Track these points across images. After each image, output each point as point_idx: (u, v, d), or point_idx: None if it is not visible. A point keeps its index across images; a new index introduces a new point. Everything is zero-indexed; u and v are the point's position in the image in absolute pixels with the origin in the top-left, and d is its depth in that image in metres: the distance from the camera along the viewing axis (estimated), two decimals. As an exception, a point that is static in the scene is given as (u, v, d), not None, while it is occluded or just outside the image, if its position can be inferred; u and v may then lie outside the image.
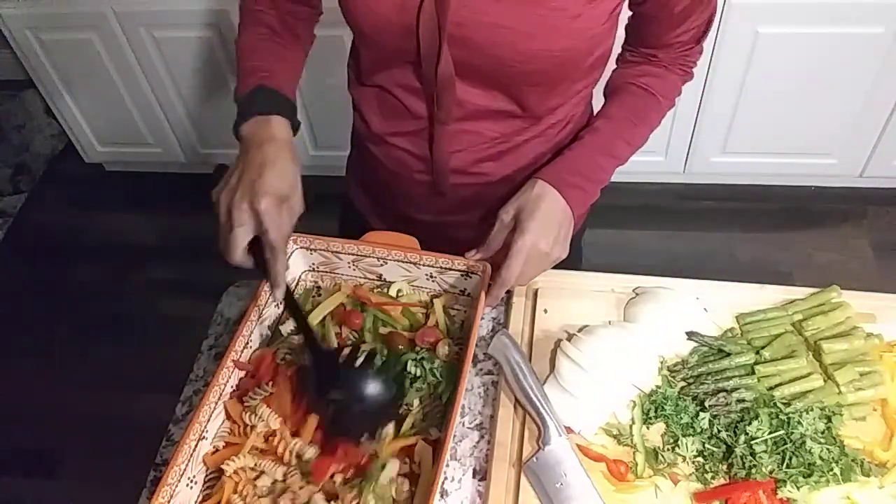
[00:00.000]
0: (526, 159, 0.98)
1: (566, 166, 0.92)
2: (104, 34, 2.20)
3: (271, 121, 0.86)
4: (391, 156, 1.00)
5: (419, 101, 0.91)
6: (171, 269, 2.44)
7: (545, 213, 0.87)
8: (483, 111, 0.90)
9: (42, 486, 2.00)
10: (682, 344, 0.92)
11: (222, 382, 0.83)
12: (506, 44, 0.81)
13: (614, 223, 2.44)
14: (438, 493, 0.82)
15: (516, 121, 0.92)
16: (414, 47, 0.83)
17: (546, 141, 0.97)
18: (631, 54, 0.98)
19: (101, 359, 2.21)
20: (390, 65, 0.90)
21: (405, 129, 0.96)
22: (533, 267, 0.87)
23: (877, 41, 1.95)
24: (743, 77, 2.07)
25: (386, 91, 0.93)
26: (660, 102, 0.97)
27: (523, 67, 0.83)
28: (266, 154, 0.82)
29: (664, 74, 0.96)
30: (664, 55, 0.95)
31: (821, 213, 2.41)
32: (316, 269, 1.00)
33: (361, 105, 1.00)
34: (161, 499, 0.73)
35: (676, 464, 0.82)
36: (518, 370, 0.85)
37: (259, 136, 0.84)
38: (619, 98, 0.97)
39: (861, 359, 0.87)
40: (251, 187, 0.78)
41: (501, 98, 0.89)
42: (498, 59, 0.82)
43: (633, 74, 0.96)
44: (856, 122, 2.15)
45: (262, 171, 0.80)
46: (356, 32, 0.89)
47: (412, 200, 1.04)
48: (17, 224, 2.68)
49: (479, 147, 0.95)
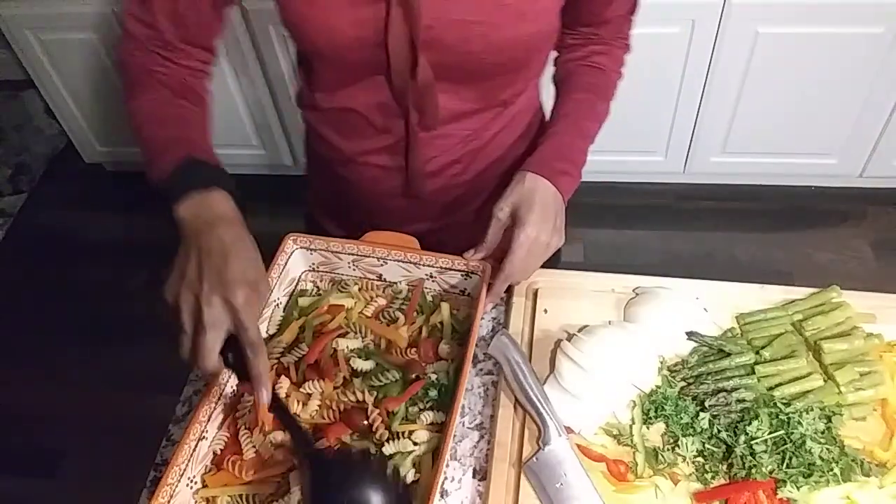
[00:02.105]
0: (496, 153, 0.99)
1: (550, 154, 0.92)
2: (104, 34, 2.20)
3: (213, 197, 0.74)
4: (365, 175, 0.99)
5: (390, 114, 0.90)
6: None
7: (541, 204, 0.87)
8: (456, 111, 0.90)
9: (42, 486, 2.00)
10: (682, 344, 0.92)
11: (222, 382, 0.83)
12: (477, 38, 0.81)
13: (614, 223, 2.44)
14: (438, 493, 0.81)
15: (486, 114, 0.93)
16: (382, 60, 0.82)
17: (512, 132, 0.99)
18: (572, 38, 0.98)
19: (101, 359, 2.21)
20: (354, 82, 0.88)
21: (377, 146, 0.95)
22: (534, 259, 0.88)
23: (877, 41, 1.95)
24: (743, 77, 2.07)
25: (350, 111, 0.92)
26: (612, 77, 1.00)
27: (495, 59, 0.84)
28: (223, 238, 0.71)
29: (609, 50, 0.99)
30: (605, 31, 0.97)
31: (821, 213, 2.41)
32: (316, 268, 1.00)
33: (322, 128, 0.98)
34: (161, 499, 0.73)
35: (676, 464, 0.82)
36: (518, 370, 0.85)
37: (206, 218, 0.72)
38: (575, 81, 0.98)
39: (861, 359, 0.87)
40: (220, 279, 0.67)
41: (472, 94, 0.89)
42: (470, 54, 0.82)
43: (580, 56, 0.98)
44: (856, 122, 2.15)
45: (226, 258, 0.69)
46: (312, 53, 0.86)
47: (389, 214, 1.03)
48: (17, 224, 2.68)
49: (453, 149, 0.95)
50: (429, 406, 0.84)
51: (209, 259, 0.69)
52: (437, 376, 0.86)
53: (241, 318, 0.67)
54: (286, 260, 0.95)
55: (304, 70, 0.95)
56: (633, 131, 2.27)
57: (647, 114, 2.21)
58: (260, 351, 0.70)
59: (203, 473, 0.81)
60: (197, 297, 0.67)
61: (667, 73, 2.09)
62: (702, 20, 1.96)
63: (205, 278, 0.68)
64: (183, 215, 0.73)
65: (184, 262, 0.70)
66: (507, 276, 0.88)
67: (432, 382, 0.86)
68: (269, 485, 0.80)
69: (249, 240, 0.73)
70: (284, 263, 0.95)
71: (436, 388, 0.86)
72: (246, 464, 0.81)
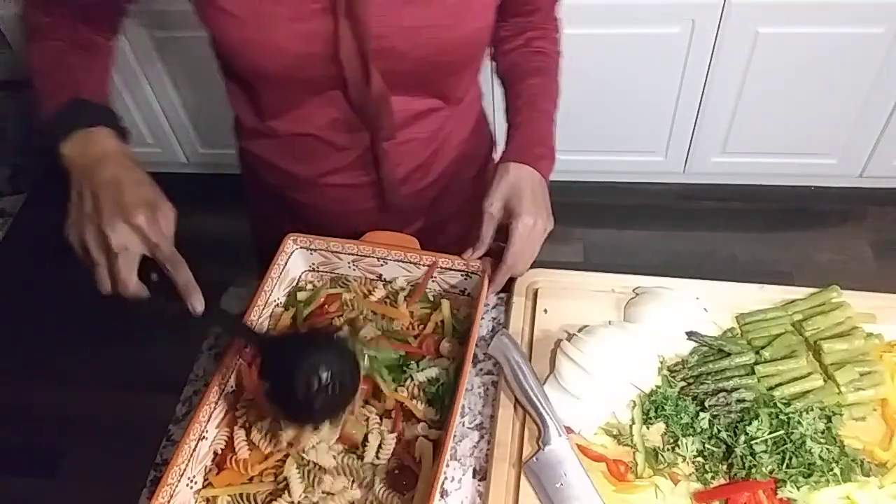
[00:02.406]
0: (454, 151, 1.01)
1: (526, 142, 0.93)
2: (104, 34, 2.20)
3: (100, 133, 0.75)
4: (330, 196, 0.99)
5: (349, 130, 0.90)
6: (171, 269, 2.44)
7: (531, 192, 0.88)
8: (414, 115, 0.91)
9: (42, 486, 2.00)
10: (682, 344, 0.92)
11: (222, 382, 0.83)
12: (428, 42, 0.81)
13: (614, 223, 2.44)
14: (438, 493, 0.81)
15: (441, 113, 0.94)
16: (335, 75, 0.81)
17: (465, 126, 1.01)
18: (506, 29, 0.99)
19: (102, 359, 2.21)
20: (305, 102, 0.87)
21: (339, 165, 0.95)
22: (534, 245, 0.88)
23: (877, 41, 1.95)
24: (743, 77, 2.07)
25: (305, 133, 0.91)
26: (555, 57, 1.02)
27: (446, 59, 0.85)
28: (113, 168, 0.72)
29: (545, 33, 1.01)
30: (537, 17, 0.99)
31: (821, 213, 2.41)
32: (316, 268, 1.00)
33: (272, 157, 0.97)
34: (161, 499, 0.73)
35: (676, 464, 0.82)
36: (518, 370, 0.85)
37: (92, 153, 0.73)
38: (523, 68, 0.99)
39: (861, 359, 0.87)
40: (117, 205, 0.68)
41: (427, 96, 0.90)
42: (422, 59, 0.83)
43: (519, 45, 0.99)
44: (856, 122, 2.15)
45: (119, 185, 0.70)
46: (257, 77, 0.85)
47: (357, 229, 1.00)
48: (17, 224, 2.68)
49: (416, 153, 0.96)
50: (427, 402, 0.85)
51: (102, 190, 0.70)
52: (438, 376, 0.86)
53: (148, 236, 0.68)
54: (286, 260, 0.95)
55: (243, 100, 0.93)
56: (633, 131, 2.27)
57: (647, 114, 2.21)
58: (178, 264, 0.71)
59: (204, 473, 0.81)
60: (99, 227, 0.68)
61: (667, 73, 2.09)
62: (702, 20, 1.96)
63: (102, 208, 0.68)
64: (68, 154, 0.74)
65: (78, 200, 0.71)
66: (510, 268, 0.88)
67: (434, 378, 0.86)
68: (270, 482, 0.80)
69: (139, 169, 0.74)
70: (284, 263, 0.95)
71: (435, 387, 0.86)
72: (247, 460, 0.81)
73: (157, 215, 0.70)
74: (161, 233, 0.69)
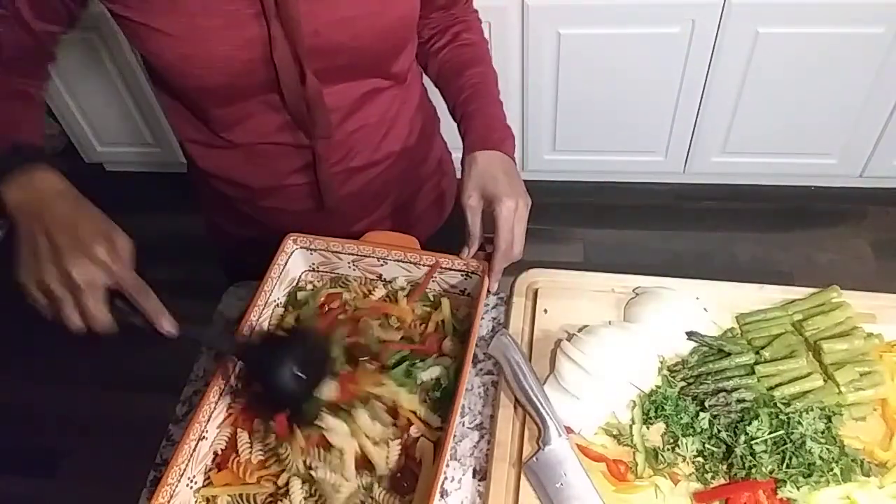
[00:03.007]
0: (405, 130, 1.02)
1: (485, 129, 0.94)
2: (104, 34, 2.20)
3: (44, 173, 0.74)
4: (289, 197, 1.00)
5: (293, 131, 0.90)
6: (171, 269, 2.43)
7: (505, 174, 0.88)
8: (356, 100, 0.91)
9: (42, 486, 2.00)
10: (682, 344, 0.92)
11: (222, 382, 0.83)
12: (364, 31, 0.83)
13: (614, 223, 2.44)
14: (438, 493, 0.81)
15: (386, 93, 0.95)
16: (274, 77, 0.82)
17: (410, 103, 1.02)
18: (430, 28, 1.01)
19: (102, 359, 2.21)
20: (248, 111, 0.88)
21: (293, 167, 0.95)
22: (521, 225, 0.88)
23: (877, 41, 1.95)
24: (743, 77, 2.07)
25: (252, 144, 0.92)
26: (483, 45, 1.04)
27: (383, 45, 0.86)
28: (64, 205, 0.71)
29: (468, 25, 1.03)
30: (457, 10, 1.02)
31: (821, 213, 2.41)
32: (316, 269, 1.00)
33: (225, 171, 0.98)
34: (161, 499, 0.73)
35: (676, 464, 0.82)
36: (518, 370, 0.85)
37: (39, 194, 0.72)
38: (458, 62, 1.00)
39: (861, 359, 0.87)
40: (74, 240, 0.68)
41: (368, 79, 0.91)
42: (360, 48, 0.84)
43: (447, 41, 1.02)
44: (856, 122, 2.15)
45: (73, 221, 0.69)
46: (200, 91, 0.84)
47: (320, 226, 1.00)
48: (17, 224, 2.68)
49: (368, 139, 0.97)
50: (429, 406, 0.84)
51: (55, 227, 0.69)
52: (440, 375, 0.86)
53: (111, 268, 0.68)
54: (286, 260, 0.95)
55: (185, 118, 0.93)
56: (633, 131, 2.27)
57: (647, 114, 2.21)
58: (143, 293, 0.71)
59: (204, 473, 0.81)
60: (59, 266, 0.67)
61: (667, 73, 2.09)
62: (702, 20, 1.96)
63: (60, 245, 0.68)
64: (12, 198, 0.73)
65: (31, 242, 0.69)
66: (504, 252, 0.87)
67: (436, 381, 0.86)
68: (270, 484, 0.80)
69: (90, 203, 0.73)
70: (284, 263, 0.95)
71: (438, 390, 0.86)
72: (248, 465, 0.81)
73: (115, 246, 0.69)
74: (122, 263, 0.69)
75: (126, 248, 0.71)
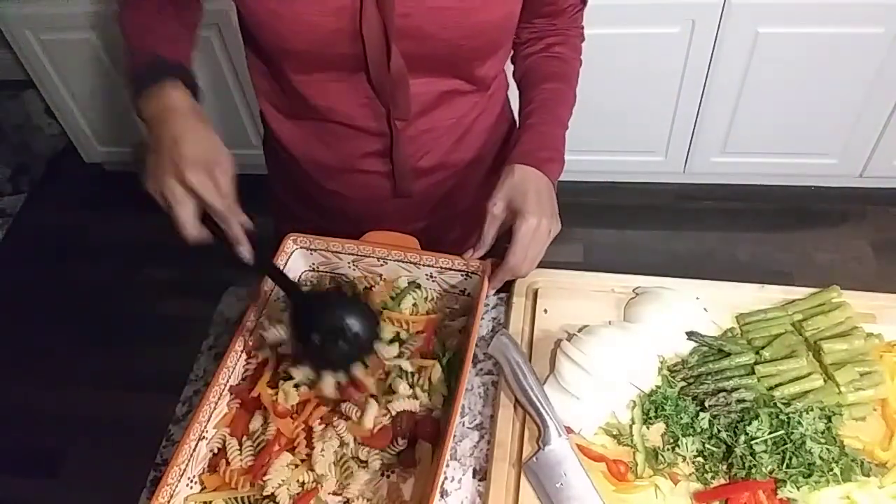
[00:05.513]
0: (480, 139, 1.00)
1: (535, 145, 0.92)
2: (104, 34, 2.20)
3: (166, 88, 0.79)
4: (357, 183, 0.99)
5: (373, 112, 0.90)
6: (171, 269, 2.44)
7: (536, 193, 0.87)
8: (435, 99, 0.91)
9: (42, 486, 2.00)
10: (682, 344, 0.92)
11: (222, 382, 0.83)
12: (454, 24, 0.81)
13: (614, 223, 2.44)
14: (438, 493, 0.82)
15: (467, 98, 0.94)
16: (359, 52, 0.82)
17: (490, 113, 1.00)
18: (528, 32, 0.99)
19: (102, 359, 2.21)
20: (329, 85, 0.87)
21: (367, 150, 0.95)
22: (538, 247, 0.87)
23: (877, 41, 1.95)
24: (743, 77, 2.07)
25: (327, 121, 0.92)
26: (574, 64, 1.01)
27: (472, 43, 0.85)
28: (174, 125, 0.76)
29: (566, 39, 1.00)
30: (560, 21, 0.99)
31: (821, 213, 2.41)
32: (316, 269, 1.00)
33: (304, 148, 0.98)
34: (161, 499, 0.73)
35: (676, 464, 0.82)
36: (518, 370, 0.85)
37: (160, 109, 0.78)
38: (540, 72, 0.99)
39: (861, 359, 0.87)
40: (172, 163, 0.74)
41: (450, 79, 0.90)
42: (447, 41, 0.83)
43: (539, 49, 0.99)
44: (856, 122, 2.15)
45: (176, 143, 0.75)
46: (283, 55, 0.85)
47: (378, 220, 1.01)
48: (17, 224, 2.68)
49: (440, 140, 0.96)
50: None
51: (162, 147, 0.75)
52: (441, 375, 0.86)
53: (200, 194, 0.73)
54: (286, 260, 0.95)
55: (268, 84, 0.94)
56: (633, 131, 2.27)
57: (647, 114, 2.21)
58: (227, 219, 0.75)
59: (201, 474, 0.81)
60: (161, 182, 0.74)
61: (667, 73, 2.09)
62: (702, 20, 1.96)
63: (162, 165, 0.74)
64: (145, 112, 0.80)
65: (148, 155, 0.77)
66: (512, 269, 0.86)
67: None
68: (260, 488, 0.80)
69: (202, 125, 0.78)
70: (284, 264, 0.95)
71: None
72: (234, 471, 0.80)
73: (214, 172, 0.74)
74: (212, 190, 0.74)
75: (226, 173, 0.76)
